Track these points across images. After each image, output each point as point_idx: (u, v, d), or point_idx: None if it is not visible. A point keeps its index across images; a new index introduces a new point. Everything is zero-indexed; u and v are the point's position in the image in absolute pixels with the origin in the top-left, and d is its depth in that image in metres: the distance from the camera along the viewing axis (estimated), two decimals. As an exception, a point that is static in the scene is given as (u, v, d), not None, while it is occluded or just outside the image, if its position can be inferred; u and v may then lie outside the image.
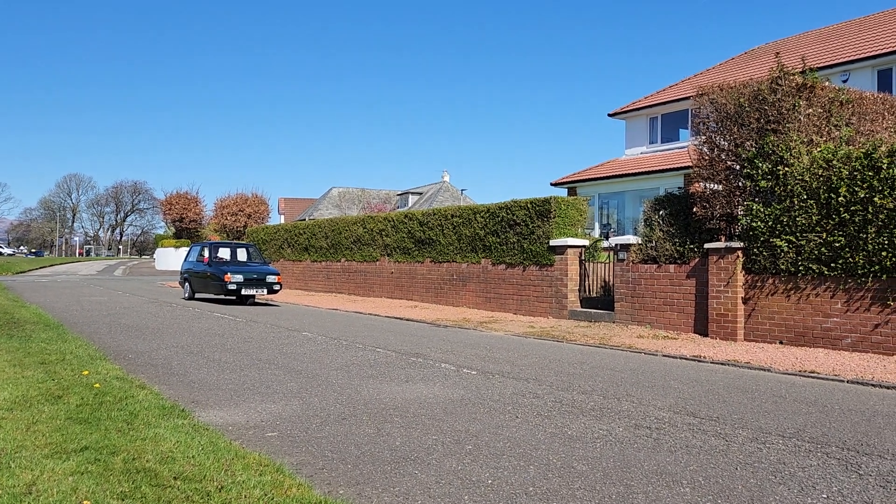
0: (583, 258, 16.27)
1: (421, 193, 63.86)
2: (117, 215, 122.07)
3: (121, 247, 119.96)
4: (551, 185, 27.89)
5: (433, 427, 5.85)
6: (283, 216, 76.31)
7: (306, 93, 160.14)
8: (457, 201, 56.51)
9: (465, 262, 19.23)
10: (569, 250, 16.11)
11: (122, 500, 3.85)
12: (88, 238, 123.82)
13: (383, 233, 23.14)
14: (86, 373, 7.70)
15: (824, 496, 4.24)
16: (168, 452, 4.75)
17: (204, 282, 21.01)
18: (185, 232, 57.65)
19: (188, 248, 24.86)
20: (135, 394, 6.67)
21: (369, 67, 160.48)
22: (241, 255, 22.64)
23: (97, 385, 7.00)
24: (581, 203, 17.19)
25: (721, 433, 5.74)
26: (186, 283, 22.12)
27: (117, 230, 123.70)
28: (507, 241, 17.72)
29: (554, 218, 16.46)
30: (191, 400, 6.81)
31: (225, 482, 4.17)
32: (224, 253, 22.38)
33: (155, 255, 60.13)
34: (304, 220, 47.60)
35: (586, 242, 16.40)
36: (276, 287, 20.36)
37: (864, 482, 4.51)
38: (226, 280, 19.56)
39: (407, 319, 15.99)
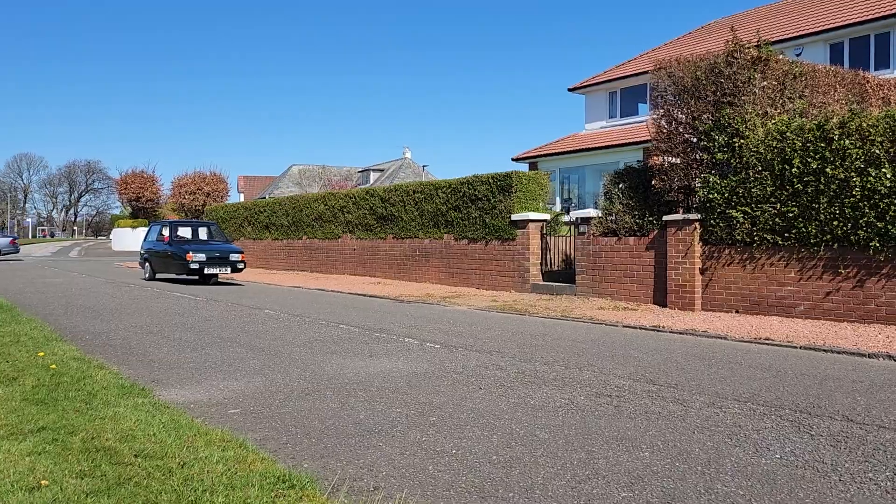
0: (544, 232, 16.39)
1: (382, 170, 63.50)
2: (71, 195, 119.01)
3: (75, 228, 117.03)
4: (512, 160, 28.00)
5: (397, 400, 5.87)
6: (242, 194, 75.36)
7: (264, 69, 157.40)
8: (418, 177, 56.30)
9: (428, 238, 19.22)
10: (530, 224, 16.21)
11: (82, 478, 3.80)
12: (42, 220, 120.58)
13: (345, 210, 22.99)
14: (41, 354, 7.55)
15: (778, 456, 4.38)
16: (128, 431, 4.70)
17: (165, 262, 20.64)
18: (142, 212, 56.52)
19: (147, 228, 24.36)
20: (93, 374, 6.56)
21: (328, 43, 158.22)
22: (203, 233, 22.28)
23: (53, 366, 6.87)
24: (542, 177, 17.29)
25: (679, 399, 5.88)
26: (147, 264, 21.69)
27: (71, 211, 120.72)
28: (468, 217, 17.75)
29: (515, 192, 16.51)
30: (151, 379, 6.72)
31: (187, 458, 4.14)
32: (185, 232, 22.01)
33: (111, 236, 58.96)
34: (265, 198, 46.99)
35: (548, 217, 16.51)
36: (240, 265, 20.08)
37: (816, 442, 4.66)
38: (188, 259, 19.23)
39: (370, 296, 15.97)
